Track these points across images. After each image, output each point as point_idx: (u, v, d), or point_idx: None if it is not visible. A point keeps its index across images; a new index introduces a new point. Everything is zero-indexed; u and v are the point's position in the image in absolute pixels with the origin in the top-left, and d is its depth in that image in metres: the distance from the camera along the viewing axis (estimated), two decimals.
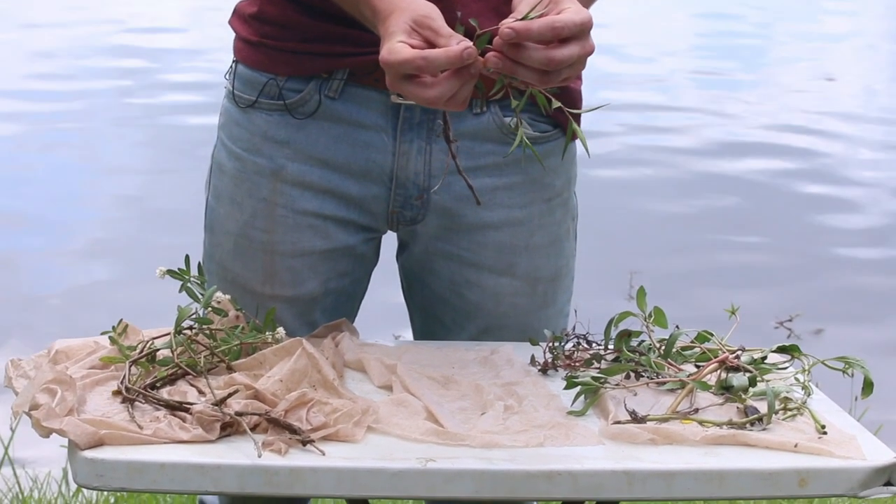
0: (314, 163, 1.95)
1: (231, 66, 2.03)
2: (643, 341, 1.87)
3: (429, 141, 1.94)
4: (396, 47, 1.65)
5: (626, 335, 1.88)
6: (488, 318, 2.00)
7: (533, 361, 1.84)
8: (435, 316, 2.02)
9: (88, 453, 1.50)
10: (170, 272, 1.86)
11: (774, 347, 1.87)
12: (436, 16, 1.68)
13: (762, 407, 1.67)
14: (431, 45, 1.66)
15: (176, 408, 1.59)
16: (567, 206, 2.04)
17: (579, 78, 1.98)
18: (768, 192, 6.83)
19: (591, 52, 1.68)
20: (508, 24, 1.63)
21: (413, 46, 1.65)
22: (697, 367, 1.81)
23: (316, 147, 1.95)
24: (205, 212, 2.06)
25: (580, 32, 1.65)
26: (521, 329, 1.99)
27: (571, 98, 1.95)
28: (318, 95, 1.94)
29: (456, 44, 1.64)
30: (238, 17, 2.02)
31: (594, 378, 1.72)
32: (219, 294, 1.84)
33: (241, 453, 1.51)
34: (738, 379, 1.74)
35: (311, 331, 1.93)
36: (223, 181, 2.01)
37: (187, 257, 1.88)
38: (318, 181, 1.95)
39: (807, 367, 1.79)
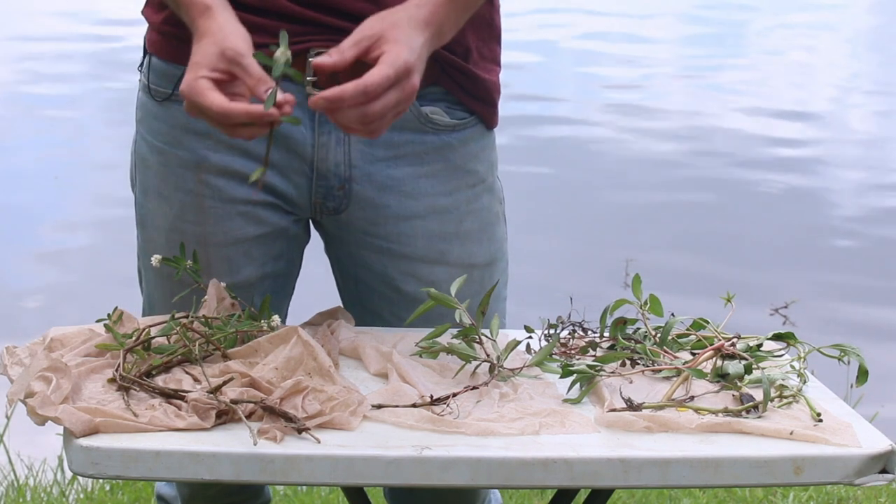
0: (236, 152, 1.94)
1: (145, 60, 2.00)
2: (639, 329, 1.87)
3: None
4: (199, 85, 1.68)
5: (622, 323, 1.88)
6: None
7: (528, 349, 1.84)
8: (373, 311, 1.99)
9: (84, 441, 1.50)
10: (165, 260, 1.86)
11: (770, 335, 1.87)
12: (247, 51, 1.71)
13: (758, 394, 1.67)
14: (235, 78, 1.70)
15: (171, 396, 1.58)
16: (493, 190, 2.04)
17: (496, 65, 2.00)
18: (761, 181, 6.83)
19: (412, 94, 1.71)
20: (321, 95, 1.66)
21: (215, 80, 1.68)
22: (693, 354, 1.81)
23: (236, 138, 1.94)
24: (135, 208, 2.03)
25: (396, 81, 1.69)
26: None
27: (486, 89, 1.97)
28: None
29: (263, 91, 1.67)
30: (150, 7, 1.99)
31: (590, 366, 1.72)
32: (214, 281, 1.84)
33: (236, 441, 1.51)
34: (734, 366, 1.74)
35: None
36: (148, 176, 2.00)
37: (182, 245, 1.88)
38: (241, 168, 1.94)
39: (802, 355, 1.80)
